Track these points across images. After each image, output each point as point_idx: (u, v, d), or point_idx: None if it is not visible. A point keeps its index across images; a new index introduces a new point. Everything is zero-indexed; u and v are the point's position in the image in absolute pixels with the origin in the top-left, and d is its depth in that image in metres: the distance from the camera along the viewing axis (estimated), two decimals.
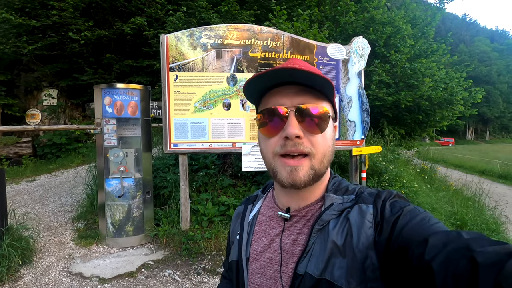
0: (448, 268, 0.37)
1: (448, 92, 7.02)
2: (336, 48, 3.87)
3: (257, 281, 0.62)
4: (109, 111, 3.44)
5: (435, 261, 0.38)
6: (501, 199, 6.26)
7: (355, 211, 0.54)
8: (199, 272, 3.02)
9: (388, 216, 0.50)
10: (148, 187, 3.66)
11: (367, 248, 0.50)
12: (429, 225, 0.46)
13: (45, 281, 2.82)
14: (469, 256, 0.36)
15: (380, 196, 0.55)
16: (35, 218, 3.96)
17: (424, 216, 0.48)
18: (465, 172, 12.81)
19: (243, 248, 0.67)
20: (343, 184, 0.62)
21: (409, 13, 8.67)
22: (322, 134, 0.56)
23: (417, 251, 0.41)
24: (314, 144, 0.55)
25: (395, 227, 0.48)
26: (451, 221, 4.58)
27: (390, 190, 0.56)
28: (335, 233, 0.53)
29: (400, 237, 0.46)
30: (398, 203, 0.53)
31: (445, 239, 0.41)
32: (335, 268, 0.51)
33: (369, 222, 0.52)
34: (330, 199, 0.58)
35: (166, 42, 3.35)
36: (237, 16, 8.28)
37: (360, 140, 4.01)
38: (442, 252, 0.39)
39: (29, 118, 8.86)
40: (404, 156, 7.01)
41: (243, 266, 0.65)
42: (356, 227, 0.52)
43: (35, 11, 8.06)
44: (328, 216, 0.56)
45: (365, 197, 0.56)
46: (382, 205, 0.53)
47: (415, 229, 0.46)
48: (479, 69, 47.58)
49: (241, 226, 0.71)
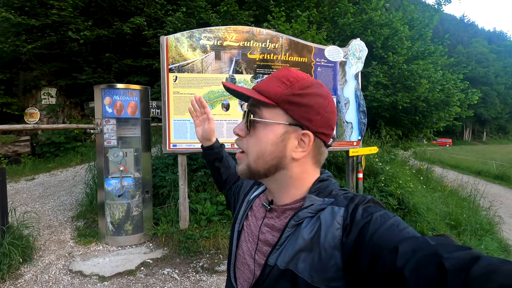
0: (419, 275, 0.39)
1: (444, 93, 7.10)
2: (334, 50, 3.92)
3: (244, 248, 0.71)
4: (109, 111, 3.48)
5: (406, 269, 0.40)
6: (495, 200, 6.35)
7: (327, 211, 0.56)
8: (197, 271, 3.06)
9: (358, 220, 0.52)
10: (147, 186, 3.70)
11: (332, 248, 0.52)
12: (398, 230, 0.47)
13: (45, 279, 2.86)
14: (438, 262, 0.38)
15: (354, 200, 0.56)
16: (35, 217, 3.99)
17: (393, 221, 0.49)
18: (462, 172, 12.90)
19: (237, 221, 0.76)
20: (329, 188, 0.62)
21: (407, 15, 8.75)
22: (252, 136, 0.62)
23: (388, 259, 0.43)
24: (248, 144, 0.63)
25: (363, 231, 0.49)
26: (446, 221, 4.65)
27: (365, 195, 0.58)
28: (306, 231, 0.56)
29: (370, 243, 0.47)
30: (370, 208, 0.54)
31: (414, 245, 0.42)
32: (299, 260, 0.54)
33: (338, 223, 0.53)
34: (311, 200, 0.60)
35: (166, 43, 3.39)
36: (236, 16, 8.32)
37: (357, 141, 4.07)
38: (413, 259, 0.40)
39: (27, 117, 8.86)
40: (401, 157, 7.08)
41: (234, 236, 0.75)
42: (325, 226, 0.54)
43: (35, 10, 8.06)
44: (304, 213, 0.58)
45: (339, 200, 0.57)
46: (354, 208, 0.54)
47: (385, 234, 0.47)
48: (477, 70, 47.80)
49: (242, 201, 0.80)
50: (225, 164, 1.04)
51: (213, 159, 1.04)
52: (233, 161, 1.05)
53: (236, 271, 0.72)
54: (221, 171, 1.03)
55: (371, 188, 4.52)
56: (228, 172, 1.03)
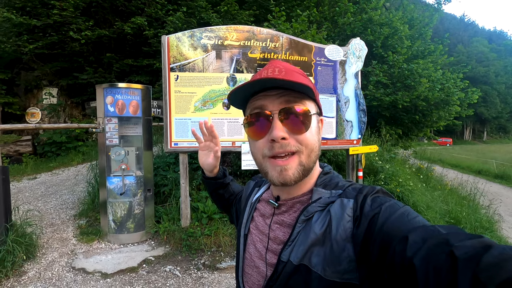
0: (429, 263, 0.38)
1: (444, 92, 7.11)
2: (334, 49, 3.95)
3: (251, 251, 0.70)
4: (111, 110, 3.51)
5: (416, 257, 0.39)
6: (495, 198, 6.37)
7: (337, 204, 0.56)
8: (199, 268, 3.09)
9: (367, 211, 0.52)
10: (149, 185, 3.73)
11: (344, 241, 0.52)
12: (408, 220, 0.47)
13: (48, 275, 2.89)
14: (448, 250, 0.37)
15: (362, 191, 0.56)
16: (37, 215, 4.03)
17: (403, 211, 0.49)
18: (462, 172, 12.92)
19: (243, 225, 0.75)
20: (334, 180, 0.63)
21: (407, 14, 8.76)
22: (307, 132, 0.59)
23: (398, 248, 0.43)
24: (301, 141, 0.59)
25: (373, 222, 0.49)
26: (446, 219, 4.67)
27: (374, 186, 0.58)
28: (317, 225, 0.55)
29: (380, 233, 0.47)
30: (380, 198, 0.53)
31: (424, 234, 0.42)
32: (313, 255, 0.54)
33: (349, 216, 0.53)
34: (318, 193, 0.60)
35: (167, 43, 3.42)
36: (237, 16, 8.35)
37: (357, 139, 4.09)
38: (423, 248, 0.40)
39: (29, 117, 8.90)
40: (401, 155, 7.11)
41: (241, 241, 0.74)
42: (336, 219, 0.54)
43: (36, 10, 8.10)
44: (314, 208, 0.58)
45: (348, 192, 0.57)
46: (363, 200, 0.54)
47: (395, 224, 0.47)
48: (477, 69, 47.78)
49: (245, 205, 0.79)
50: (229, 190, 0.99)
51: (215, 188, 0.99)
52: (238, 186, 1.02)
53: (244, 276, 0.70)
54: (225, 197, 0.99)
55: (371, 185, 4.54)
56: (232, 197, 0.99)
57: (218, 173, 0.97)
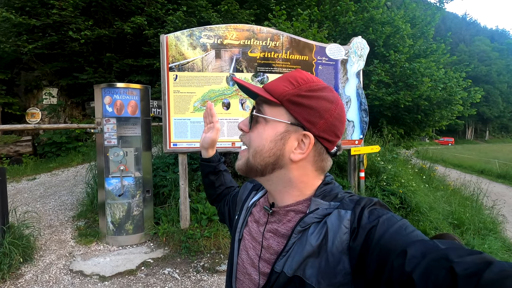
0: (429, 279, 0.38)
1: (447, 92, 7.04)
2: (335, 48, 3.89)
3: (243, 257, 0.69)
4: (109, 111, 3.47)
5: (415, 272, 0.39)
6: (499, 199, 6.29)
7: (334, 215, 0.55)
8: (198, 270, 3.05)
9: (364, 223, 0.51)
10: (148, 186, 3.68)
11: (340, 253, 0.51)
12: (406, 233, 0.47)
13: (46, 278, 2.85)
14: (448, 266, 0.37)
15: (360, 203, 0.55)
16: (35, 217, 3.98)
17: (401, 224, 0.49)
18: (464, 171, 12.86)
19: (237, 230, 0.74)
20: (334, 191, 0.62)
21: (409, 13, 8.70)
22: (253, 132, 0.63)
23: (396, 262, 0.42)
24: (248, 139, 0.64)
25: (371, 234, 0.49)
26: (449, 220, 4.61)
27: (372, 197, 0.57)
28: (313, 237, 0.54)
29: (378, 246, 0.47)
30: (377, 211, 0.53)
31: (423, 249, 0.42)
32: (307, 266, 0.53)
33: (346, 227, 0.52)
34: (316, 204, 0.59)
35: (166, 42, 3.37)
36: (237, 15, 8.30)
37: (359, 139, 4.04)
38: (422, 262, 0.40)
39: (29, 117, 8.88)
40: (403, 155, 7.04)
41: (235, 246, 0.72)
42: (333, 231, 0.53)
43: (35, 10, 8.07)
44: (310, 219, 0.57)
45: (345, 203, 0.56)
46: (361, 211, 0.53)
47: (393, 237, 0.46)
48: (479, 68, 47.59)
49: (241, 208, 0.78)
50: (221, 179, 1.01)
51: (208, 172, 1.01)
52: (231, 179, 1.04)
53: (237, 283, 0.70)
54: (215, 185, 1.01)
55: (373, 187, 4.49)
56: (222, 188, 1.01)
57: (214, 155, 1.01)
